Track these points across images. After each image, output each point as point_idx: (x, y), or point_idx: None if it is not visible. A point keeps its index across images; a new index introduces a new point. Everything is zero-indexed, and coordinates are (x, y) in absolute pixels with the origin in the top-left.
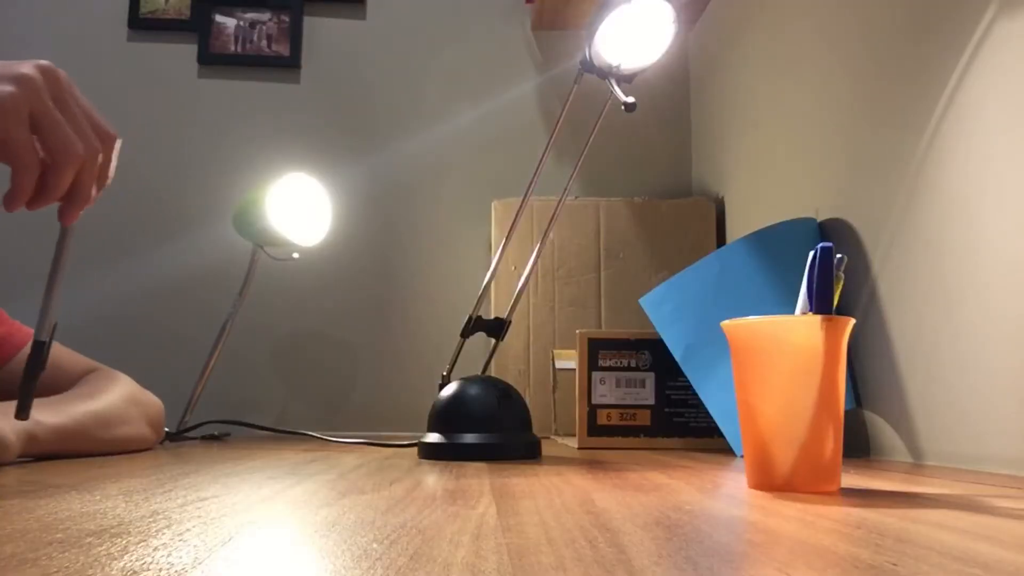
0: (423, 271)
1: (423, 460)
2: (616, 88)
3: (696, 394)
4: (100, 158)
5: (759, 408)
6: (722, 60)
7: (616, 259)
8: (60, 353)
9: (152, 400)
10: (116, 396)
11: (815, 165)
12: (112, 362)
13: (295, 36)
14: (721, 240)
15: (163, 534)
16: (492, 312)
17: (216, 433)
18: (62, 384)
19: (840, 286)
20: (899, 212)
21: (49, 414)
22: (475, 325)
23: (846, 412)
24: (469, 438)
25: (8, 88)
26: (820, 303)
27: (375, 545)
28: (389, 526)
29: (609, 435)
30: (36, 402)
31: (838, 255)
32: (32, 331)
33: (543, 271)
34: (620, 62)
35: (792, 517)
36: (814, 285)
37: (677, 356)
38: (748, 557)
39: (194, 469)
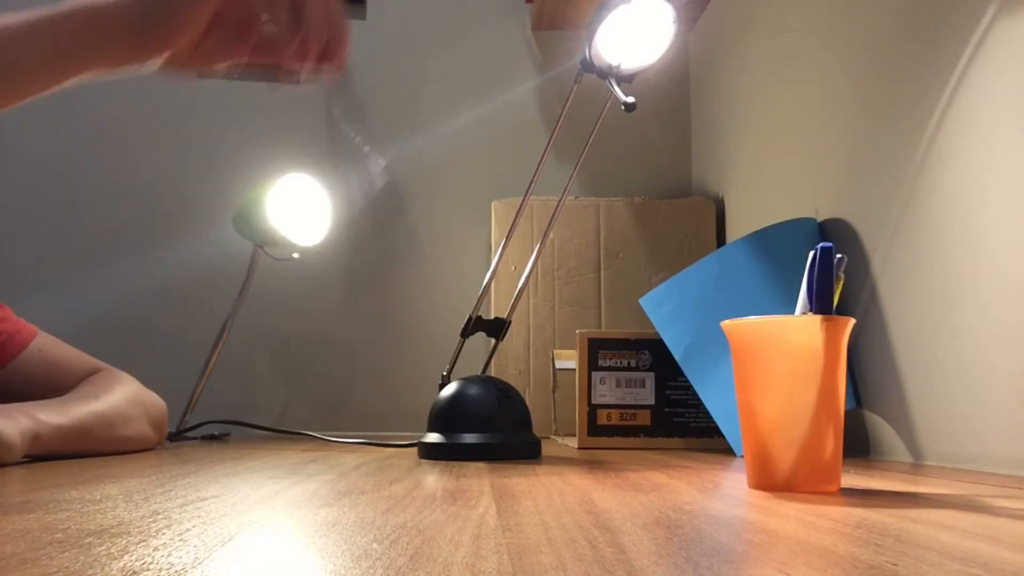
0: (423, 271)
1: (423, 460)
2: (616, 88)
3: (696, 394)
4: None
5: (759, 408)
6: (722, 60)
7: (616, 259)
8: (65, 352)
9: (155, 401)
10: (119, 396)
11: (815, 165)
12: (112, 362)
13: None
14: (721, 240)
15: (163, 534)
16: (492, 312)
17: (216, 433)
18: (66, 383)
19: (840, 286)
20: (899, 212)
21: (52, 415)
22: (475, 325)
23: (846, 412)
24: (469, 438)
25: None
26: (820, 303)
27: (375, 545)
28: (389, 526)
29: (609, 435)
30: (39, 403)
31: (838, 255)
32: (36, 328)
33: (543, 271)
34: (620, 62)
35: (792, 517)
36: (814, 285)
37: (677, 356)
38: (748, 557)
39: (194, 469)
